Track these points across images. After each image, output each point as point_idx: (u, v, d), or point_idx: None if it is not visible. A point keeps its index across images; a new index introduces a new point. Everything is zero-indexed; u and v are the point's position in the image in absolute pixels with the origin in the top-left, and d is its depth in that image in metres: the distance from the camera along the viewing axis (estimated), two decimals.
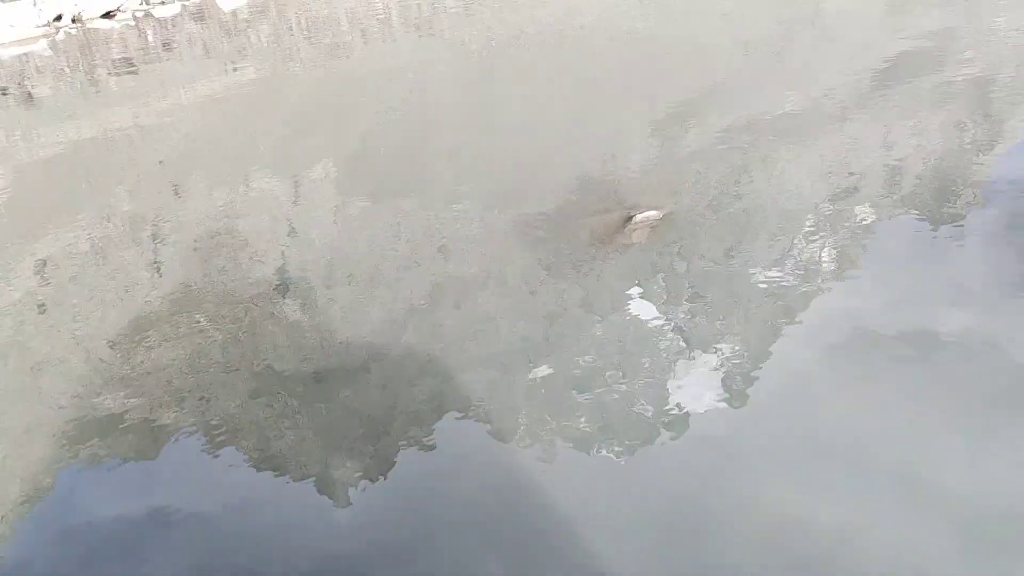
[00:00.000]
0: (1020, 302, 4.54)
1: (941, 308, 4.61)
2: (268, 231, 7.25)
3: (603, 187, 6.85)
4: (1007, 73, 7.99)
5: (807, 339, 4.61)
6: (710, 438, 3.92)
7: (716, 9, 12.98)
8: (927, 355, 4.23)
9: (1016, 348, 4.17)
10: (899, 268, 5.16)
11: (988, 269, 4.92)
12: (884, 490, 3.40)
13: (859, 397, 4.01)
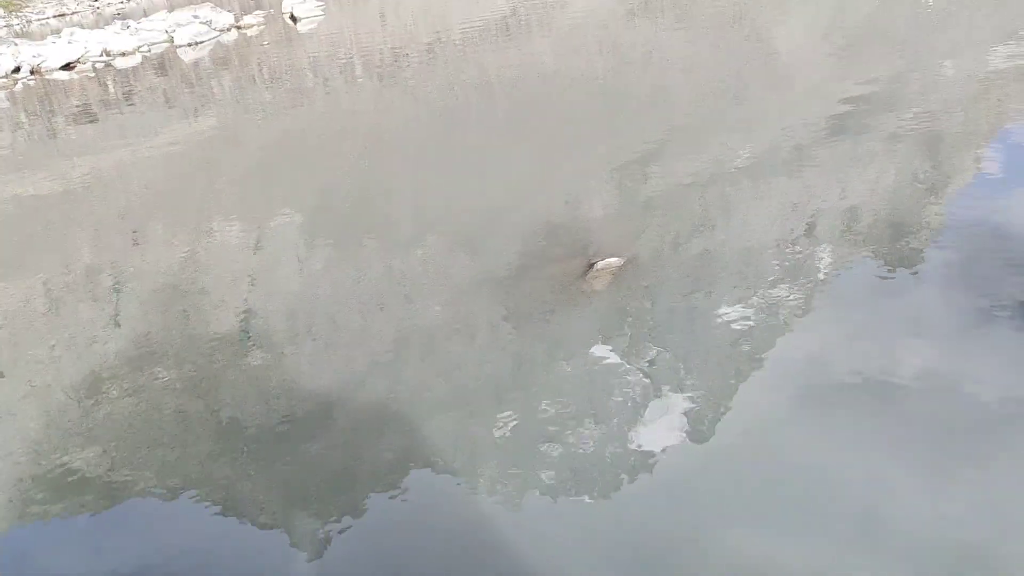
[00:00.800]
0: (974, 340, 4.62)
1: (899, 348, 4.68)
2: (230, 281, 7.18)
3: (565, 233, 6.89)
4: (955, 117, 8.22)
5: (769, 380, 4.65)
6: (675, 482, 3.91)
7: (674, 57, 13.25)
8: (886, 395, 4.27)
9: (972, 386, 4.23)
10: (857, 308, 5.24)
11: (942, 308, 5.01)
12: (845, 532, 3.42)
13: (820, 438, 4.04)
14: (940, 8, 13.44)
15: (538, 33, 17.83)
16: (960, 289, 5.15)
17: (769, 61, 12.17)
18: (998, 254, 5.46)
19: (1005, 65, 9.54)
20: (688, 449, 4.18)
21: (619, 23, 17.51)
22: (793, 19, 14.87)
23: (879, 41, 12.19)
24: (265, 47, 20.74)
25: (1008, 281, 5.11)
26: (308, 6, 25.06)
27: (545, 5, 21.89)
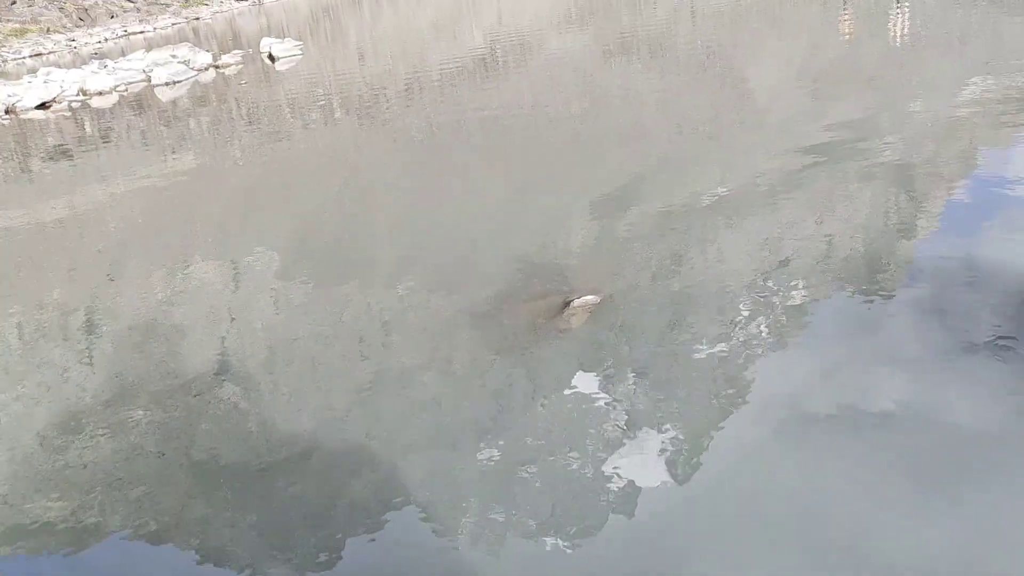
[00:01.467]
0: (950, 373, 4.66)
1: (876, 381, 4.70)
2: (207, 318, 7.12)
3: (542, 270, 6.91)
4: (926, 155, 8.36)
5: (748, 414, 4.65)
6: (656, 519, 3.89)
7: (649, 95, 13.42)
8: (865, 428, 4.29)
9: (950, 417, 4.26)
10: (834, 341, 5.27)
11: (918, 341, 5.05)
12: (827, 566, 3.40)
13: (800, 472, 4.04)
14: (908, 47, 13.74)
15: (515, 72, 18.03)
16: (935, 322, 5.19)
17: (743, 99, 12.35)
18: (970, 288, 5.52)
19: (973, 103, 9.74)
20: (668, 485, 4.16)
21: (595, 62, 17.75)
22: (766, 59, 15.14)
23: (850, 80, 12.43)
24: (243, 86, 20.81)
25: (981, 314, 5.17)
26: (286, 46, 25.25)
27: (522, 45, 22.17)
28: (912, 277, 5.89)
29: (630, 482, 4.23)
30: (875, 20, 16.94)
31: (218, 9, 56.74)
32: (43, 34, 40.70)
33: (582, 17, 27.87)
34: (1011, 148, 8.16)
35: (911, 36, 14.57)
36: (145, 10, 51.56)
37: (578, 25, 25.51)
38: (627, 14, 26.13)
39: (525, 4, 36.50)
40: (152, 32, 44.04)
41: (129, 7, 50.92)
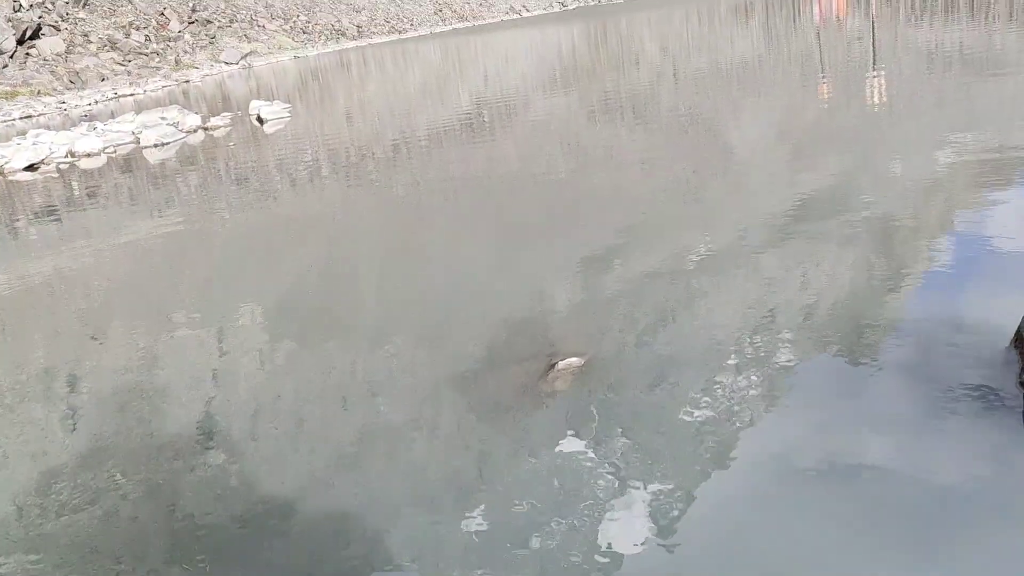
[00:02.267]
0: (936, 431, 4.66)
1: (863, 440, 4.70)
2: (190, 379, 7.07)
3: (527, 331, 6.92)
4: (906, 215, 8.48)
5: (736, 474, 4.62)
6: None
7: (633, 156, 13.61)
8: (853, 487, 4.27)
9: (937, 476, 4.25)
10: (820, 400, 5.27)
11: (903, 399, 5.06)
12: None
13: (789, 531, 4.00)
14: (886, 110, 14.03)
15: (501, 133, 18.28)
16: (919, 381, 5.21)
17: (725, 160, 12.54)
18: (953, 345, 5.56)
19: (951, 164, 9.92)
20: (657, 546, 4.11)
21: (580, 123, 18.03)
22: (747, 120, 15.42)
23: (830, 141, 12.66)
24: (231, 147, 20.99)
25: (963, 372, 5.19)
26: (275, 108, 25.56)
27: (508, 106, 22.52)
28: (896, 335, 5.92)
29: (619, 543, 4.18)
30: (852, 84, 17.33)
31: (208, 72, 57.51)
32: (34, 96, 41.06)
33: (567, 79, 28.39)
34: (989, 208, 8.29)
35: (888, 100, 14.90)
36: (136, 73, 52.20)
37: (563, 87, 25.97)
38: (611, 77, 26.62)
39: (511, 66, 37.18)
40: (142, 94, 44.50)
41: (120, 70, 51.56)
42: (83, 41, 53.52)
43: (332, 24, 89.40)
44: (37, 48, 48.30)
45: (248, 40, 72.80)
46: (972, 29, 24.07)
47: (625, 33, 47.44)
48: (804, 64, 22.66)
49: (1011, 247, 7.13)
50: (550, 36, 55.72)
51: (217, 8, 76.89)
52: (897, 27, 27.91)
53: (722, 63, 25.28)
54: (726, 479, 4.62)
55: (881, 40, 24.60)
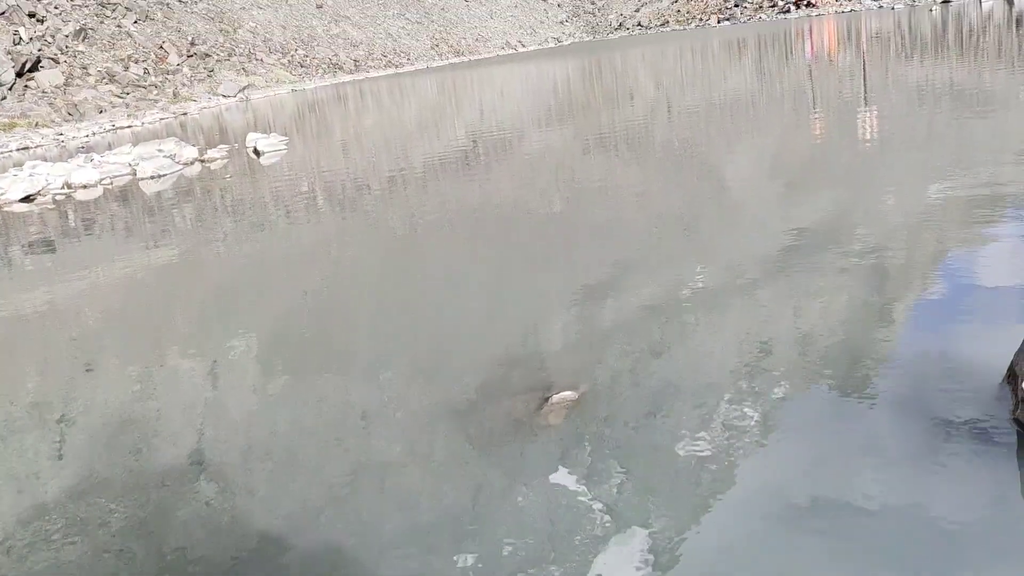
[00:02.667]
0: (931, 465, 4.66)
1: (859, 474, 4.69)
2: (183, 411, 7.03)
3: (521, 364, 6.92)
4: (899, 249, 8.53)
5: (732, 509, 4.61)
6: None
7: (627, 190, 13.69)
8: (848, 523, 4.25)
9: (933, 510, 4.24)
10: (815, 434, 5.27)
11: (898, 434, 5.06)
12: None
13: (785, 568, 3.98)
14: (878, 146, 14.16)
15: (496, 166, 18.39)
16: (913, 416, 5.21)
17: (719, 194, 12.62)
18: (947, 379, 5.57)
19: (943, 200, 10.00)
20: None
21: (574, 157, 18.15)
22: (740, 156, 15.54)
23: (823, 176, 12.76)
24: (228, 179, 21.06)
25: (957, 407, 5.19)
26: (272, 140, 25.68)
27: (504, 140, 22.68)
28: (889, 370, 5.93)
29: None
30: (844, 120, 17.50)
31: (206, 105, 57.86)
32: (32, 128, 41.23)
33: (562, 113, 28.63)
34: (980, 243, 8.35)
35: (879, 135, 15.04)
36: (134, 105, 52.49)
37: (558, 121, 26.18)
38: (605, 111, 26.86)
39: (506, 101, 37.48)
40: (140, 126, 44.71)
41: (118, 102, 51.85)
42: (82, 74, 53.87)
43: (329, 58, 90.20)
44: (36, 80, 48.59)
45: (246, 73, 73.36)
46: (961, 66, 24.39)
47: (620, 69, 47.93)
48: (796, 100, 22.90)
49: (1003, 282, 7.17)
50: (545, 71, 56.26)
51: (216, 42, 77.57)
52: (887, 64, 28.26)
53: (716, 98, 25.54)
54: (721, 514, 4.60)
55: (872, 77, 24.89)
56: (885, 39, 39.15)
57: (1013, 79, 20.19)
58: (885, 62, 28.85)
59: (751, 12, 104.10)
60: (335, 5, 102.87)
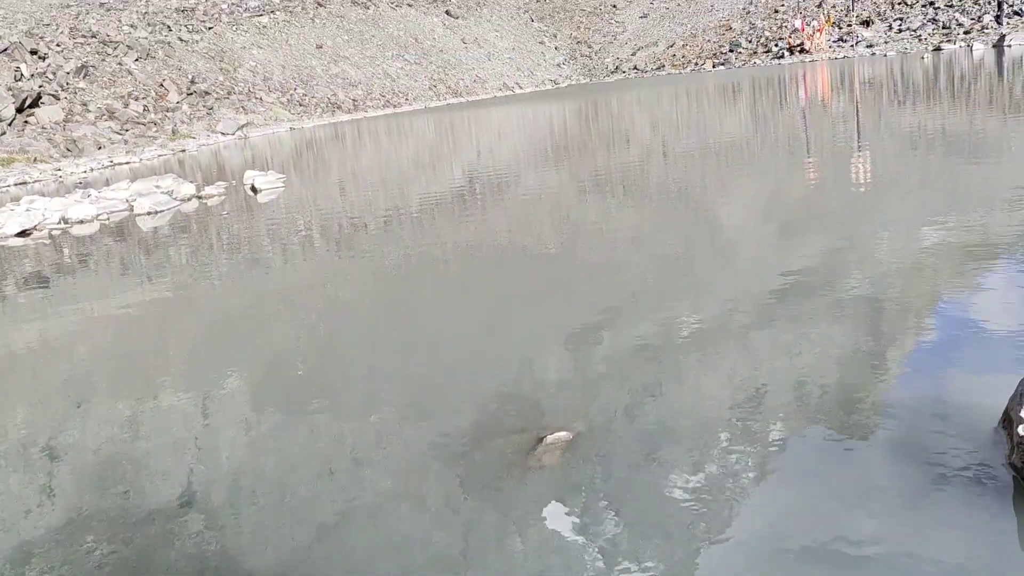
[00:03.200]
0: (924, 513, 4.64)
1: (852, 520, 4.66)
2: (173, 448, 6.97)
3: (515, 403, 6.89)
4: (893, 293, 8.55)
5: (728, 552, 4.56)
6: None
7: (623, 231, 13.74)
8: (843, 568, 4.21)
9: (925, 558, 4.22)
10: (810, 478, 5.24)
11: (893, 478, 5.04)
12: None
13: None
14: (871, 190, 14.26)
15: (493, 206, 18.47)
16: (908, 460, 5.19)
17: (714, 236, 12.68)
18: (943, 423, 5.56)
19: (936, 244, 10.05)
20: None
21: (570, 198, 18.25)
22: (735, 198, 15.65)
23: (817, 219, 12.84)
24: (225, 216, 21.12)
25: (952, 452, 5.18)
26: (269, 178, 25.81)
27: (500, 181, 22.81)
28: (884, 414, 5.92)
29: None
30: (838, 164, 17.66)
31: (204, 142, 58.22)
32: (30, 164, 41.39)
33: (558, 155, 28.83)
34: (974, 288, 8.38)
35: (873, 180, 15.17)
36: (133, 142, 52.80)
37: (554, 162, 26.36)
38: (601, 153, 27.07)
39: (503, 141, 37.78)
40: (138, 163, 44.92)
41: (117, 139, 52.16)
42: (82, 110, 54.27)
43: (328, 97, 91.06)
44: (36, 116, 48.91)
45: (245, 111, 73.96)
46: (953, 114, 24.68)
47: (616, 111, 48.41)
48: (791, 144, 23.13)
49: (997, 326, 7.19)
50: (542, 113, 56.80)
51: (216, 80, 78.32)
52: (880, 109, 28.60)
53: (711, 141, 25.78)
54: (715, 559, 4.56)
55: (865, 122, 25.16)
56: (878, 85, 39.68)
57: (1004, 126, 20.43)
58: (878, 107, 29.21)
59: (746, 57, 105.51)
60: (334, 46, 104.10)
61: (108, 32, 78.70)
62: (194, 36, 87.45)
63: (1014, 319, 7.29)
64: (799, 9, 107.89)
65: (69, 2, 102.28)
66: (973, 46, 64.07)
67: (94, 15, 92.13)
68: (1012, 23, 70.73)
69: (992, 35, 67.43)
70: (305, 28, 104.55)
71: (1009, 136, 18.64)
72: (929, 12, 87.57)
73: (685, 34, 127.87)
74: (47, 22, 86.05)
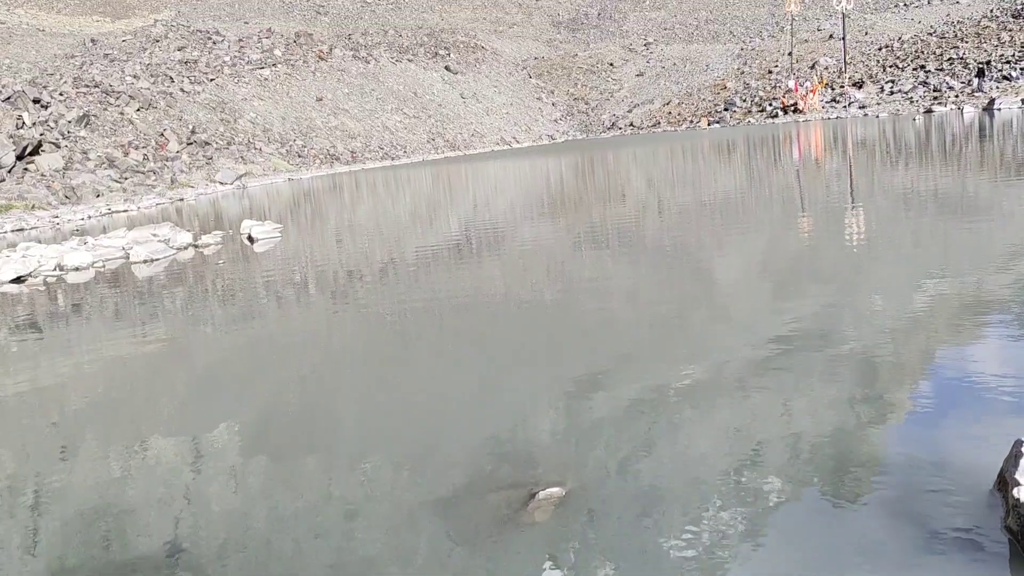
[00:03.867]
0: (920, 574, 4.57)
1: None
2: (161, 498, 6.88)
3: (509, 458, 6.83)
4: (889, 349, 8.55)
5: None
6: None
7: (618, 285, 13.78)
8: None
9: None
10: (805, 537, 5.18)
11: (889, 538, 4.98)
12: None
13: None
14: (865, 248, 14.36)
15: (488, 259, 18.53)
16: (903, 522, 5.14)
17: (709, 292, 12.71)
18: (937, 487, 5.51)
19: (930, 302, 10.09)
20: None
21: (566, 252, 18.33)
22: (731, 254, 15.73)
23: (811, 277, 12.89)
24: (220, 265, 21.14)
25: (947, 514, 5.14)
26: (266, 228, 25.90)
27: (496, 233, 22.92)
28: (879, 475, 5.87)
29: None
30: (832, 222, 17.80)
31: (203, 191, 58.56)
32: (28, 210, 41.55)
33: (554, 208, 29.03)
34: (968, 347, 8.39)
35: (866, 238, 15.28)
36: (131, 190, 53.09)
37: (550, 216, 26.53)
38: (597, 207, 27.27)
39: (500, 195, 38.07)
40: (136, 211, 45.10)
41: (116, 187, 52.44)
42: (82, 158, 54.66)
43: (327, 149, 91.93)
44: (36, 164, 49.24)
45: (244, 162, 74.56)
46: (945, 174, 24.98)
47: (612, 166, 48.91)
48: (785, 201, 23.34)
49: (991, 386, 7.18)
50: (539, 167, 57.34)
51: (216, 131, 79.11)
52: (873, 169, 28.92)
53: (706, 198, 26.01)
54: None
55: (858, 181, 25.43)
56: (870, 145, 40.21)
57: (995, 186, 20.67)
58: (871, 167, 29.55)
59: (740, 116, 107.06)
60: (335, 98, 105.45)
61: (111, 82, 79.70)
62: (196, 87, 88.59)
63: (1008, 378, 7.29)
64: (793, 70, 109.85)
65: (74, 53, 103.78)
66: (964, 108, 65.14)
67: (98, 66, 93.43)
68: (1001, 87, 72.01)
69: (982, 98, 68.61)
70: (306, 81, 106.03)
71: (1000, 195, 18.84)
72: (920, 75, 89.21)
73: (680, 92, 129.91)
74: (51, 72, 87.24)
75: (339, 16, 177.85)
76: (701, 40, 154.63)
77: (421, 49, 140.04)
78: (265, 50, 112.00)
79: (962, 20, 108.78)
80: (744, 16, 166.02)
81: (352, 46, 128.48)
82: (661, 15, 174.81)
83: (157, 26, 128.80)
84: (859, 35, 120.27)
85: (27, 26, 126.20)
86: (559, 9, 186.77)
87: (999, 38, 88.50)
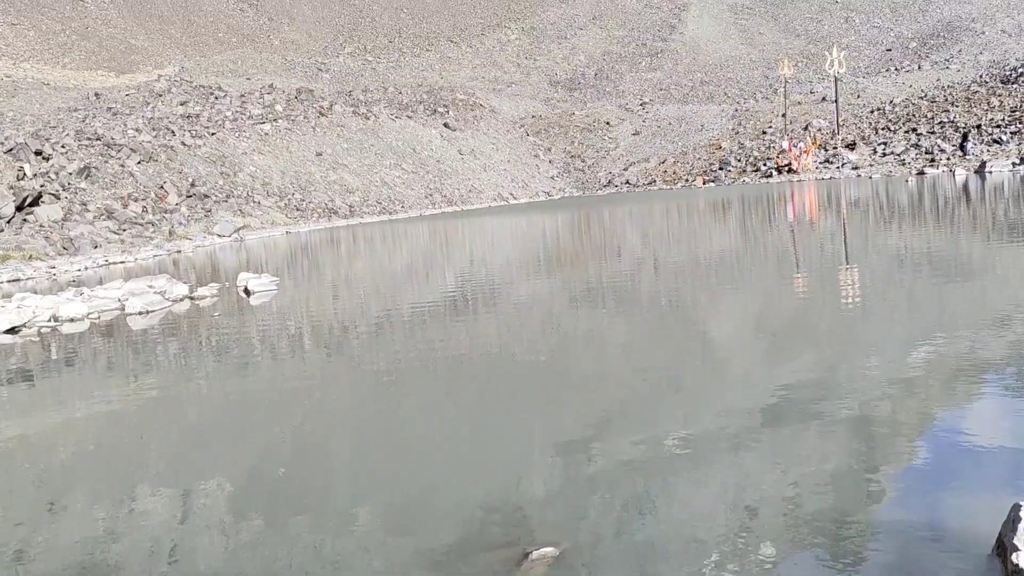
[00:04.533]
0: None
1: None
2: (148, 554, 6.76)
3: (502, 516, 6.75)
4: (885, 410, 8.53)
5: None
6: None
7: (613, 341, 13.78)
8: None
9: None
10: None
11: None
12: None
13: None
14: (860, 308, 14.40)
15: (484, 314, 18.53)
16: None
17: (704, 350, 12.71)
18: (934, 552, 5.46)
19: (926, 363, 10.09)
20: None
21: (562, 307, 18.36)
22: (726, 313, 15.76)
23: (806, 336, 12.90)
24: (216, 317, 21.11)
25: (944, 573, 5.07)
26: (262, 280, 25.93)
27: (492, 289, 22.98)
28: (877, 539, 5.81)
29: None
30: (826, 282, 17.88)
31: (200, 243, 58.73)
32: (25, 261, 41.59)
33: (550, 264, 29.15)
34: (965, 408, 8.37)
35: (862, 298, 15.33)
36: (130, 242, 53.24)
37: (546, 272, 26.62)
38: (593, 264, 27.39)
39: (496, 250, 38.24)
40: (133, 263, 45.16)
41: (114, 239, 52.60)
42: (81, 209, 54.91)
43: (326, 203, 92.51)
44: (35, 215, 49.44)
45: (243, 214, 74.95)
46: (938, 235, 25.18)
47: (608, 224, 49.25)
48: (780, 260, 23.47)
49: (988, 447, 7.15)
50: (536, 223, 57.71)
51: (215, 184, 79.69)
52: (867, 230, 29.16)
53: (701, 256, 26.15)
54: None
55: (852, 241, 25.62)
56: (864, 206, 40.61)
57: (988, 247, 20.83)
58: (864, 227, 29.81)
59: (735, 175, 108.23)
60: (334, 153, 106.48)
61: (113, 135, 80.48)
62: (197, 141, 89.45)
63: (1005, 440, 7.26)
64: (786, 131, 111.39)
65: (77, 106, 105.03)
66: (956, 171, 65.97)
67: (101, 119, 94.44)
68: (992, 150, 73.05)
69: (974, 161, 69.54)
70: (306, 136, 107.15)
71: (993, 257, 18.97)
72: (912, 138, 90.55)
73: (676, 151, 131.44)
74: (54, 124, 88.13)
75: (340, 73, 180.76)
76: (696, 100, 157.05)
77: (420, 106, 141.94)
78: (266, 105, 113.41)
79: (952, 85, 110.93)
80: (739, 78, 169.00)
81: (352, 102, 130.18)
82: (657, 76, 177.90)
83: (160, 81, 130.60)
84: (851, 98, 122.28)
85: (32, 80, 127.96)
86: (556, 69, 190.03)
87: (988, 103, 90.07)
